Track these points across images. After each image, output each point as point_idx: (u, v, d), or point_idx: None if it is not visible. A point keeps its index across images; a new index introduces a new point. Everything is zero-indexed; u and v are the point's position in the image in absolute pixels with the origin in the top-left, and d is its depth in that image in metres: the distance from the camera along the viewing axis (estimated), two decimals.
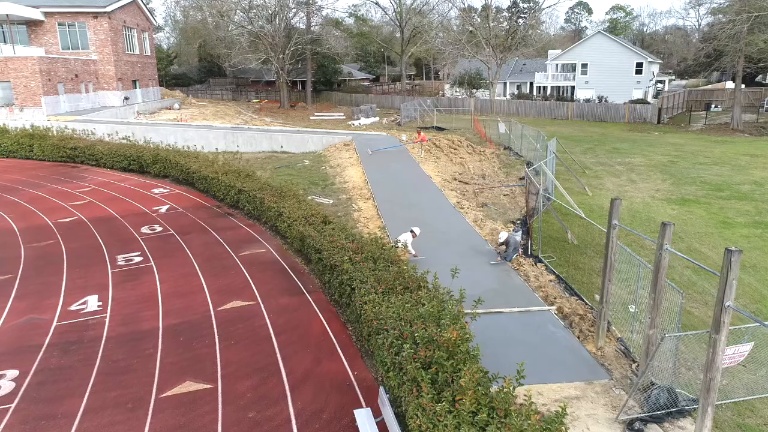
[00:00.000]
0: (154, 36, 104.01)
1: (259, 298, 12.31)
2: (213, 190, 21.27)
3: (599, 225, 12.46)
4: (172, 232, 17.59)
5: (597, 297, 11.69)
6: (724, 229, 16.97)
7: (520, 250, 14.51)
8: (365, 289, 9.41)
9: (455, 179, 24.25)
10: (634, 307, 11.39)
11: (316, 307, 11.75)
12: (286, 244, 15.70)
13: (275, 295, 12.44)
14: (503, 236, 13.90)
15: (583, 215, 14.02)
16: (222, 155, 26.39)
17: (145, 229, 17.91)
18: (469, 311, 8.33)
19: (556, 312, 11.26)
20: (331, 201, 20.53)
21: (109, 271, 14.24)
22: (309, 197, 21.11)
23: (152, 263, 14.78)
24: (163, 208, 20.53)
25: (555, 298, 11.82)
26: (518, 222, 17.56)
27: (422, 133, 31.49)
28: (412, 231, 14.23)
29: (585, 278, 13.23)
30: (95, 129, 33.48)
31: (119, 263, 14.86)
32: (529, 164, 28.49)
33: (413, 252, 13.99)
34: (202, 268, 14.29)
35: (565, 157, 28.20)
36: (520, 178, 24.40)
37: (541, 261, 14.10)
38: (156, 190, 23.45)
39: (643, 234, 14.34)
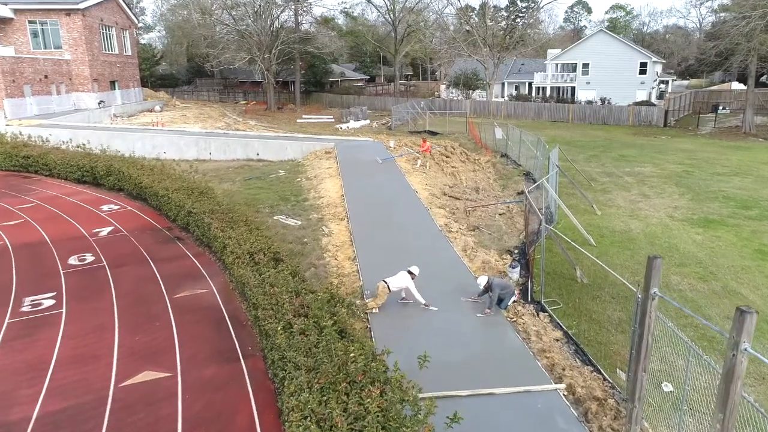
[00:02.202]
0: (145, 35, 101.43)
1: (179, 367, 9.48)
2: (165, 208, 18.47)
3: (614, 268, 9.64)
4: (104, 263, 14.75)
5: (620, 372, 8.88)
6: (762, 261, 14.17)
7: (517, 293, 11.70)
8: (297, 384, 6.60)
9: (445, 194, 21.45)
10: (669, 385, 8.60)
11: (249, 384, 8.93)
12: (233, 281, 12.88)
13: (201, 363, 9.61)
14: (482, 281, 11.05)
15: (602, 263, 11.19)
16: (179, 165, 23.47)
17: (73, 260, 15.07)
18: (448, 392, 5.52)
19: (565, 393, 8.45)
20: (299, 222, 17.71)
21: (6, 322, 11.40)
22: (275, 217, 18.40)
23: (64, 309, 11.95)
24: (105, 231, 17.69)
25: (564, 370, 9.00)
26: (516, 252, 14.73)
27: (427, 142, 28.23)
28: (410, 272, 11.42)
29: (601, 335, 10.42)
30: (53, 134, 30.59)
31: (23, 309, 12.02)
32: (528, 174, 25.74)
33: (423, 301, 11.25)
34: (122, 318, 11.46)
35: (568, 166, 25.41)
36: (518, 193, 21.60)
37: (544, 310, 11.28)
38: (105, 207, 20.62)
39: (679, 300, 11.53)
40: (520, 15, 73.00)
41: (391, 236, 15.92)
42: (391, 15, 68.83)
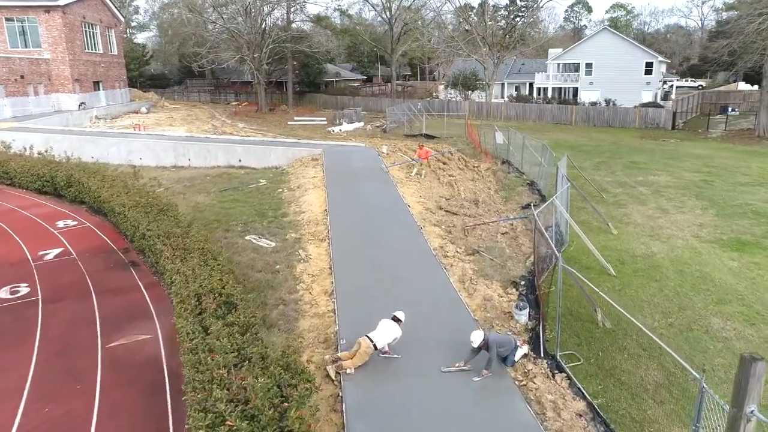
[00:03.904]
0: (138, 35, 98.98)
1: None
2: (122, 227, 16.26)
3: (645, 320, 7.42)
4: (39, 297, 12.53)
5: None
6: None
7: (526, 346, 9.49)
8: None
9: (441, 208, 19.22)
10: None
11: None
12: None
13: None
14: (477, 339, 8.82)
15: (639, 322, 9.00)
16: (143, 175, 21.21)
17: (3, 293, 12.84)
18: None
19: None
20: (273, 244, 15.48)
21: None
22: (247, 237, 16.18)
23: None
24: (53, 253, 15.47)
25: None
26: (522, 285, 12.50)
27: (425, 147, 25.79)
28: (396, 319, 9.44)
29: (635, 408, 8.19)
30: (19, 138, 28.35)
31: None
32: (532, 184, 23.52)
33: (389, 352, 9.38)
34: (37, 377, 9.24)
35: (576, 175, 23.17)
36: (523, 207, 19.39)
37: (561, 368, 9.06)
38: (61, 223, 18.41)
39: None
40: (520, 14, 70.85)
41: (378, 262, 13.71)
42: (388, 13, 66.60)
